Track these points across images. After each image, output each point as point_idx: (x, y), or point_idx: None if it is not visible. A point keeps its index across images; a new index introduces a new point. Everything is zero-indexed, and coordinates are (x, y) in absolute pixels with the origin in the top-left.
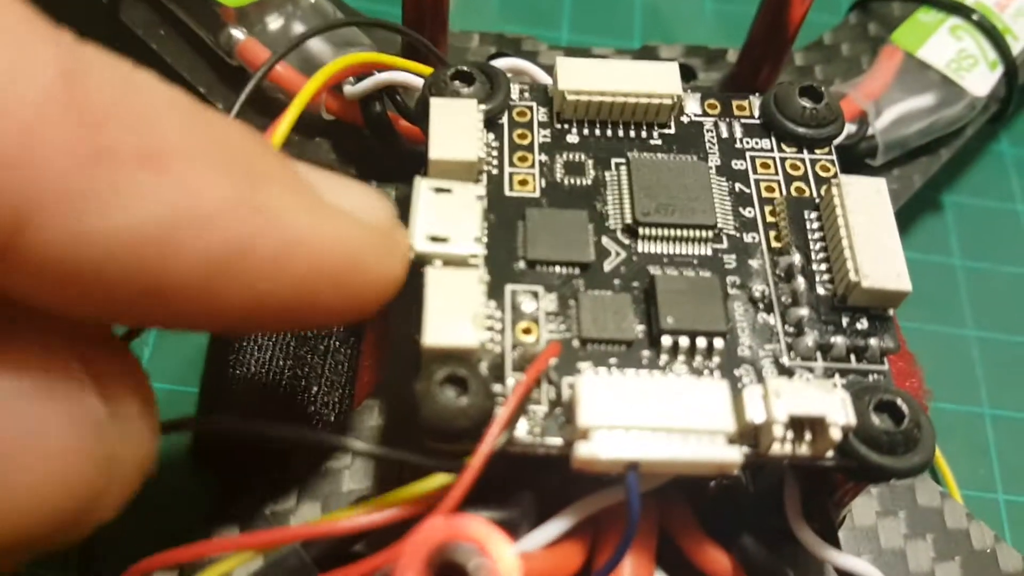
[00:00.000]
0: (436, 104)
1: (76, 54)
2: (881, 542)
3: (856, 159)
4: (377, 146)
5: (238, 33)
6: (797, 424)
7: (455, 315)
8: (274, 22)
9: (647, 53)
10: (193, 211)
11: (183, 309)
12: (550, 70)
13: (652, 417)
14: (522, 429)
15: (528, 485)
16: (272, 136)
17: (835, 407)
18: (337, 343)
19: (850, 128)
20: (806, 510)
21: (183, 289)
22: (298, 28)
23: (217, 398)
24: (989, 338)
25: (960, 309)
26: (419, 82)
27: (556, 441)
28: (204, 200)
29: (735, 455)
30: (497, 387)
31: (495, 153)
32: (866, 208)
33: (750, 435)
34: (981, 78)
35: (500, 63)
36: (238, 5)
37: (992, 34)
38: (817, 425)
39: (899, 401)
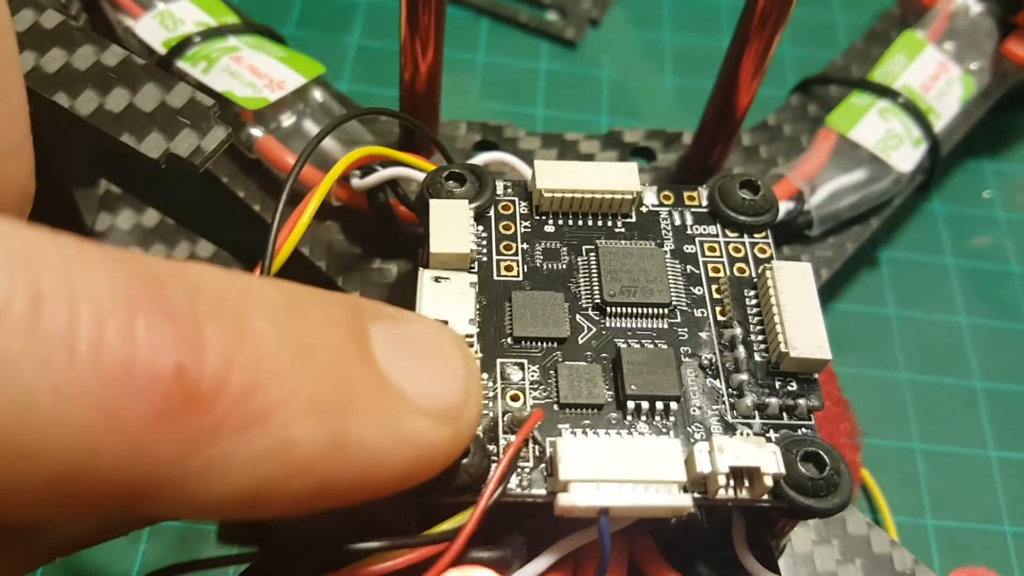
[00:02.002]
0: (435, 205)
1: (194, 334)
2: (817, 567)
3: (795, 231)
4: (380, 229)
5: (256, 131)
6: (737, 473)
7: None
8: (287, 120)
9: (612, 138)
10: (288, 464)
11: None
12: (529, 156)
13: (619, 471)
14: (513, 482)
15: (517, 527)
16: (299, 221)
17: (767, 459)
18: None
19: (788, 206)
20: (750, 542)
21: (267, 513)
22: (308, 124)
23: None
24: (920, 380)
25: (893, 355)
26: (417, 176)
27: (541, 492)
28: (299, 452)
29: (686, 501)
30: (491, 447)
31: (484, 243)
32: (794, 288)
33: (700, 483)
34: (906, 155)
35: (485, 156)
36: (256, 108)
37: (916, 115)
38: (754, 474)
39: (821, 452)
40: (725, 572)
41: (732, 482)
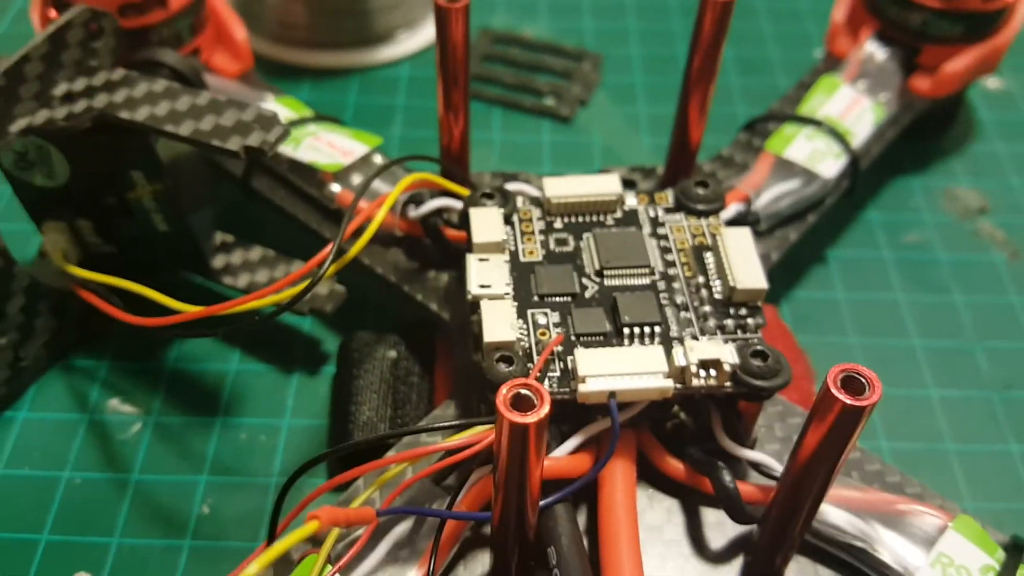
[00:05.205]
0: (474, 212)
1: None
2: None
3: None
4: (432, 247)
5: (335, 187)
6: (705, 365)
7: (501, 324)
8: (357, 177)
9: (603, 173)
10: None
11: None
12: (540, 187)
13: (620, 367)
14: (546, 385)
15: (553, 424)
16: (372, 222)
17: (726, 353)
18: (419, 378)
19: (740, 208)
20: (726, 432)
21: None
22: (374, 180)
23: (345, 421)
24: (869, 343)
25: (844, 327)
26: (457, 205)
27: (565, 390)
28: None
29: (668, 383)
30: (529, 365)
31: (511, 238)
32: (737, 244)
33: (679, 375)
34: (830, 166)
35: (509, 186)
36: (334, 170)
37: (836, 135)
38: (717, 365)
39: (766, 350)
40: (710, 452)
41: (702, 372)
